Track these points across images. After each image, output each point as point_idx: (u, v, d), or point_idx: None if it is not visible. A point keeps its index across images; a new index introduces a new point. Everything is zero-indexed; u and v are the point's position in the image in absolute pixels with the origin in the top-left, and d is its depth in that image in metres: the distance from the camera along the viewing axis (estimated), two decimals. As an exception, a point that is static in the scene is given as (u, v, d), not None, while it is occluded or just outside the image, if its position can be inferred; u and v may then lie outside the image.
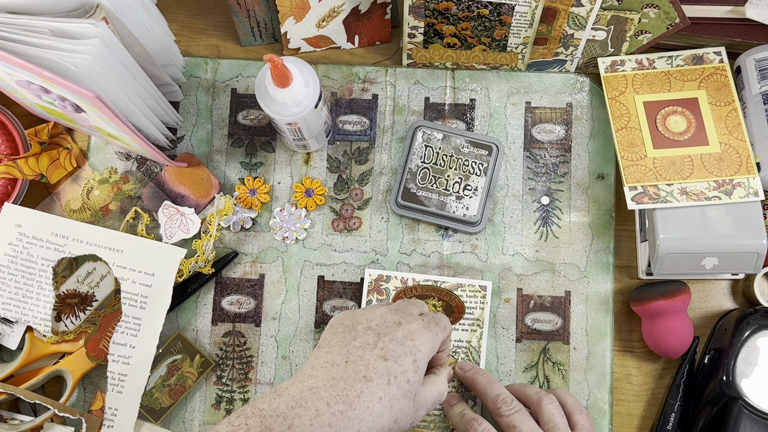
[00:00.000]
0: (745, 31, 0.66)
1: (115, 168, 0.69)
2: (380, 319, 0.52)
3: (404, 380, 0.50)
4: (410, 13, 0.65)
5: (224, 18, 0.73)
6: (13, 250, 0.64)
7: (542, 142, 0.69)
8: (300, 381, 0.49)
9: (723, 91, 0.65)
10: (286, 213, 0.68)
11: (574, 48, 0.68)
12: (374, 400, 0.48)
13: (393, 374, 0.49)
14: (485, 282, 0.66)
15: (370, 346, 0.50)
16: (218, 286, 0.67)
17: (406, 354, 0.50)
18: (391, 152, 0.69)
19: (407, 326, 0.52)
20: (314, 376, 0.49)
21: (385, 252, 0.68)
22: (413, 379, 0.50)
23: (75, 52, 0.53)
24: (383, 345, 0.50)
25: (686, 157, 0.64)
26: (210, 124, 0.70)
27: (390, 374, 0.49)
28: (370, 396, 0.48)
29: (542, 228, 0.68)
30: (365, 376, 0.49)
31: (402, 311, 0.53)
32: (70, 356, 0.64)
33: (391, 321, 0.52)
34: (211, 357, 0.66)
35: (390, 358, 0.50)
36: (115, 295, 0.65)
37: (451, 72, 0.71)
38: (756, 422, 0.59)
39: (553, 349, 0.66)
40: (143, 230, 0.67)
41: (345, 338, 0.51)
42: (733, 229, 0.61)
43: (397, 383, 0.49)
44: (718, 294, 0.68)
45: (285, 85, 0.57)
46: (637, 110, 0.66)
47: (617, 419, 0.66)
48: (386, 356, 0.50)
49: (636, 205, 0.63)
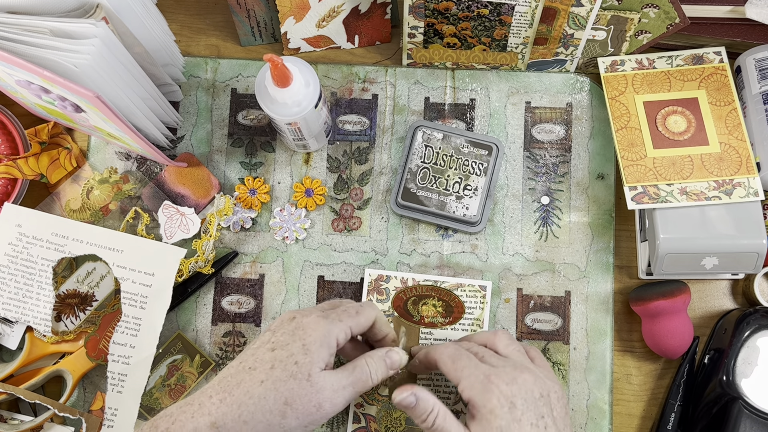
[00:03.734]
0: (745, 31, 0.66)
1: (115, 168, 0.69)
2: (279, 319, 0.53)
3: (291, 362, 0.49)
4: (410, 13, 0.65)
5: (224, 18, 0.73)
6: (13, 250, 0.64)
7: (542, 142, 0.69)
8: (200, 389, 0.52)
9: (723, 91, 0.65)
10: (286, 213, 0.68)
11: (574, 48, 0.68)
12: (255, 384, 0.49)
13: (278, 359, 0.50)
14: (485, 282, 0.66)
15: (264, 343, 0.52)
16: (218, 286, 0.67)
17: (296, 341, 0.50)
18: (391, 152, 0.69)
19: (300, 319, 0.52)
20: (211, 381, 0.51)
21: (385, 252, 0.68)
22: (302, 361, 0.49)
23: (75, 52, 0.53)
24: (275, 339, 0.51)
25: (686, 157, 0.64)
26: (210, 124, 0.70)
27: (275, 360, 0.50)
28: (251, 381, 0.49)
29: (542, 228, 0.68)
30: (250, 368, 0.50)
31: (304, 309, 0.54)
32: (70, 356, 0.64)
33: (286, 318, 0.53)
34: (211, 357, 0.66)
35: (278, 347, 0.50)
36: (115, 295, 0.65)
37: (451, 72, 0.71)
38: (756, 422, 0.59)
39: (553, 349, 0.66)
40: (143, 230, 0.67)
41: (252, 345, 0.53)
42: (733, 229, 0.61)
43: (282, 366, 0.49)
44: (718, 294, 0.68)
45: (285, 85, 0.57)
46: (637, 110, 0.66)
47: (617, 419, 0.66)
48: (274, 347, 0.51)
49: (636, 205, 0.63)
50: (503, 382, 0.50)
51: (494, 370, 0.51)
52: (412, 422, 0.64)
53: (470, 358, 0.53)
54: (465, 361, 0.53)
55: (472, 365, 0.52)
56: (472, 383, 0.51)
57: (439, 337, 0.65)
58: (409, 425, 0.64)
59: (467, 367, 0.52)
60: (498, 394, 0.50)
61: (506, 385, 0.50)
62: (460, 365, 0.53)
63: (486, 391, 0.50)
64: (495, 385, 0.50)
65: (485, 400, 0.50)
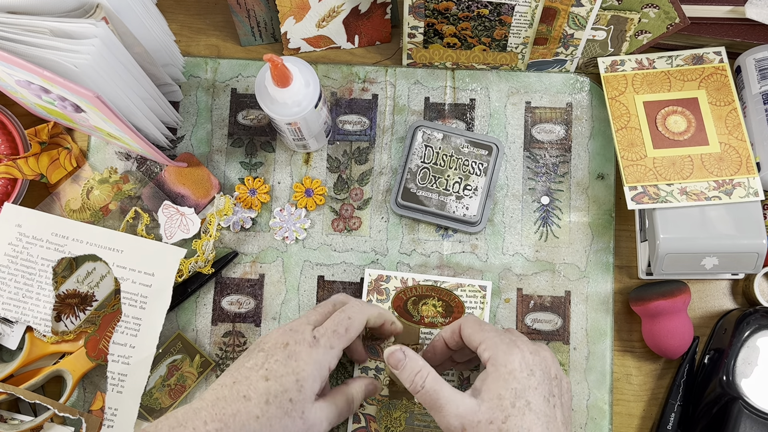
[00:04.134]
0: (745, 31, 0.66)
1: (115, 168, 0.69)
2: (272, 341, 0.53)
3: (285, 399, 0.51)
4: (410, 13, 0.65)
5: (224, 18, 0.73)
6: (13, 250, 0.64)
7: (542, 142, 0.69)
8: (190, 404, 0.51)
9: (723, 91, 0.65)
10: (286, 213, 0.68)
11: (574, 48, 0.68)
12: (251, 419, 0.50)
13: (273, 393, 0.51)
14: (485, 282, 0.66)
15: (257, 367, 0.52)
16: (218, 286, 0.67)
17: (289, 374, 0.51)
18: (391, 152, 0.69)
19: (293, 347, 0.53)
20: (203, 398, 0.51)
21: (385, 252, 0.68)
22: (296, 398, 0.51)
23: (75, 52, 0.53)
24: (267, 366, 0.52)
25: (686, 157, 0.64)
26: (210, 124, 0.70)
27: (269, 394, 0.51)
28: (247, 415, 0.50)
29: (542, 228, 0.68)
30: (245, 396, 0.50)
31: (295, 329, 0.54)
32: (70, 356, 0.64)
33: (280, 342, 0.53)
34: (211, 357, 0.66)
35: (271, 378, 0.51)
36: (115, 295, 0.65)
37: (451, 72, 0.71)
38: (756, 422, 0.59)
39: (553, 349, 0.66)
40: (143, 230, 0.67)
41: (241, 361, 0.53)
42: (733, 229, 0.61)
43: (277, 402, 0.50)
44: (718, 294, 0.68)
45: (285, 85, 0.57)
46: (637, 110, 0.66)
47: (617, 419, 0.66)
48: (268, 376, 0.51)
49: (636, 205, 0.63)
50: (528, 350, 0.52)
51: (519, 339, 0.54)
52: (412, 422, 0.64)
53: (496, 329, 0.56)
54: (490, 328, 0.55)
55: (498, 332, 0.55)
56: (496, 343, 0.53)
57: (439, 337, 0.65)
58: (409, 425, 0.64)
59: (492, 331, 0.54)
60: (521, 358, 0.52)
61: (530, 354, 0.52)
62: (486, 328, 0.55)
63: (510, 353, 0.52)
64: (520, 349, 0.52)
65: (507, 361, 0.52)
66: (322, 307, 0.58)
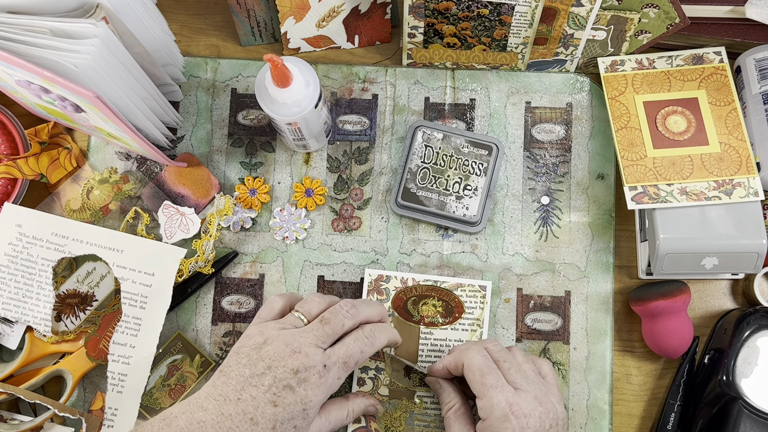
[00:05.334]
0: (745, 31, 0.66)
1: (115, 168, 0.69)
2: (281, 362, 0.52)
3: (291, 426, 0.52)
4: (410, 13, 0.65)
5: (224, 18, 0.73)
6: (13, 250, 0.64)
7: (542, 142, 0.69)
8: (190, 411, 0.51)
9: (723, 91, 0.65)
10: (286, 213, 0.68)
11: (574, 48, 0.68)
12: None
13: (279, 420, 0.51)
14: (485, 282, 0.66)
15: (264, 388, 0.52)
16: (218, 286, 0.67)
17: (297, 402, 0.52)
18: (391, 152, 0.69)
19: (303, 374, 0.52)
20: (205, 408, 0.51)
21: (385, 252, 0.68)
22: (300, 425, 0.52)
23: (75, 52, 0.53)
24: (276, 391, 0.51)
25: (686, 157, 0.64)
26: (210, 124, 0.70)
27: (276, 420, 0.51)
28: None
29: (542, 228, 0.68)
30: (252, 419, 0.50)
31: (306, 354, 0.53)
32: (70, 356, 0.64)
33: (290, 367, 0.52)
34: (211, 357, 0.66)
35: (280, 404, 0.51)
36: (115, 295, 0.65)
37: (451, 72, 0.71)
38: (756, 422, 0.59)
39: (553, 349, 0.66)
40: (143, 230, 0.67)
41: (244, 372, 0.52)
42: (733, 229, 0.61)
43: (282, 428, 0.51)
44: (718, 294, 0.68)
45: (285, 85, 0.57)
46: (637, 110, 0.66)
47: (617, 419, 0.66)
48: (276, 402, 0.51)
49: (636, 205, 0.63)
50: (522, 414, 0.54)
51: (517, 397, 0.54)
52: (412, 422, 0.64)
53: (498, 376, 0.56)
54: (493, 379, 0.55)
55: (498, 387, 0.55)
56: (492, 406, 0.54)
57: (439, 337, 0.65)
58: (409, 425, 0.64)
59: (494, 388, 0.55)
60: (514, 426, 0.53)
61: (524, 418, 0.53)
62: (487, 382, 0.55)
63: (504, 420, 0.53)
64: (514, 416, 0.53)
65: (499, 428, 0.53)
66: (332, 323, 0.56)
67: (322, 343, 0.54)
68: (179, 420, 0.50)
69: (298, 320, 0.56)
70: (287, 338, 0.53)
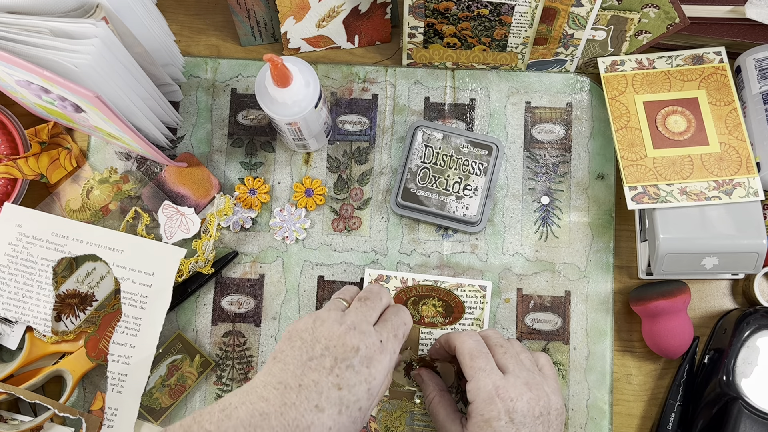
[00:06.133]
0: (745, 31, 0.66)
1: (115, 168, 0.69)
2: (339, 340, 0.50)
3: (356, 408, 0.50)
4: (410, 13, 0.65)
5: (224, 18, 0.73)
6: (13, 250, 0.64)
7: (542, 142, 0.69)
8: (251, 402, 0.48)
9: (723, 91, 0.65)
10: (286, 213, 0.68)
11: (574, 48, 0.68)
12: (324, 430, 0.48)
13: (345, 404, 0.49)
14: (485, 282, 0.66)
15: (326, 371, 0.49)
16: (218, 286, 0.67)
17: (362, 382, 0.50)
18: (391, 152, 0.69)
19: (365, 351, 0.51)
20: (266, 398, 0.48)
21: (385, 252, 0.68)
22: (365, 407, 0.50)
23: (75, 52, 0.53)
24: (339, 372, 0.49)
25: (686, 157, 0.64)
26: (210, 124, 0.70)
27: (342, 404, 0.49)
28: (320, 427, 0.48)
29: (542, 228, 0.68)
30: (317, 406, 0.48)
31: (362, 332, 0.52)
32: (70, 356, 0.64)
33: (349, 345, 0.50)
34: (211, 357, 0.66)
35: (344, 387, 0.49)
36: (115, 295, 0.65)
37: (451, 72, 0.71)
38: (756, 422, 0.59)
39: (553, 349, 0.66)
40: (143, 230, 0.67)
41: (301, 356, 0.50)
42: (733, 229, 0.61)
43: (348, 412, 0.49)
44: (718, 294, 0.68)
45: (285, 85, 0.57)
46: (637, 110, 0.66)
47: (617, 419, 0.66)
48: (341, 385, 0.49)
49: (636, 205, 0.63)
50: (509, 398, 0.53)
51: (504, 381, 0.54)
52: (412, 422, 0.64)
53: (488, 359, 0.55)
54: (482, 362, 0.55)
55: (486, 370, 0.54)
56: (479, 388, 0.54)
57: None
58: (409, 425, 0.64)
59: (482, 371, 0.54)
60: (500, 408, 0.52)
61: (510, 401, 0.53)
62: (476, 365, 0.55)
63: (489, 403, 0.53)
64: (500, 399, 0.53)
65: (485, 410, 0.53)
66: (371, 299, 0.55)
67: (371, 319, 0.54)
68: (239, 411, 0.47)
69: (340, 303, 0.55)
70: (338, 317, 0.52)
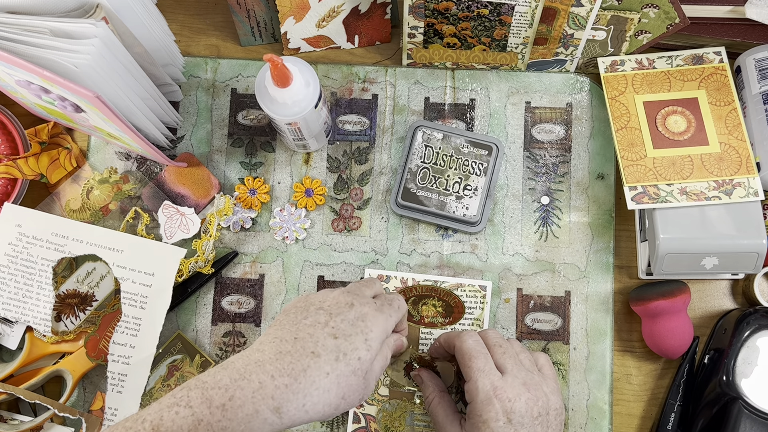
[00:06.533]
0: (745, 31, 0.66)
1: (115, 168, 0.69)
2: (333, 300, 0.52)
3: (354, 357, 0.50)
4: (410, 13, 0.65)
5: (224, 18, 0.73)
6: (13, 250, 0.64)
7: (542, 142, 0.69)
8: (247, 355, 0.49)
9: (723, 91, 0.65)
10: (286, 213, 0.68)
11: (574, 48, 0.68)
12: (321, 375, 0.48)
13: (342, 351, 0.49)
14: (485, 282, 0.66)
15: (321, 325, 0.50)
16: (218, 286, 0.67)
17: (357, 333, 0.51)
18: (391, 152, 0.69)
19: (359, 308, 0.52)
20: (261, 350, 0.49)
21: (385, 252, 0.68)
22: (364, 357, 0.50)
23: (75, 52, 0.53)
24: (334, 324, 0.50)
25: (686, 157, 0.64)
26: (210, 124, 0.70)
27: (339, 351, 0.49)
28: (317, 371, 0.48)
29: (542, 228, 0.68)
30: (313, 352, 0.49)
31: (355, 293, 0.54)
32: (70, 356, 0.64)
33: (343, 302, 0.52)
34: (211, 357, 0.66)
35: (340, 336, 0.50)
36: (115, 295, 0.65)
37: (451, 72, 0.71)
38: (756, 422, 0.59)
39: (553, 349, 0.66)
40: (143, 230, 0.67)
41: (296, 317, 0.51)
42: (733, 229, 0.61)
43: (347, 360, 0.49)
44: (718, 294, 0.68)
45: (285, 85, 0.57)
46: (637, 110, 0.66)
47: (617, 419, 0.66)
48: (336, 335, 0.50)
49: (636, 205, 0.63)
50: (506, 398, 0.53)
51: (502, 382, 0.54)
52: (412, 422, 0.64)
53: (487, 360, 0.55)
54: (480, 363, 0.55)
55: (485, 370, 0.55)
56: (477, 389, 0.54)
57: (439, 337, 0.65)
58: (409, 425, 0.64)
59: (480, 371, 0.55)
60: (498, 409, 0.53)
61: (508, 402, 0.53)
62: (474, 365, 0.55)
63: (487, 403, 0.53)
64: (498, 400, 0.53)
65: (483, 411, 0.53)
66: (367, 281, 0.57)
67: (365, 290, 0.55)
68: (236, 363, 0.48)
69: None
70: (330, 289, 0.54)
